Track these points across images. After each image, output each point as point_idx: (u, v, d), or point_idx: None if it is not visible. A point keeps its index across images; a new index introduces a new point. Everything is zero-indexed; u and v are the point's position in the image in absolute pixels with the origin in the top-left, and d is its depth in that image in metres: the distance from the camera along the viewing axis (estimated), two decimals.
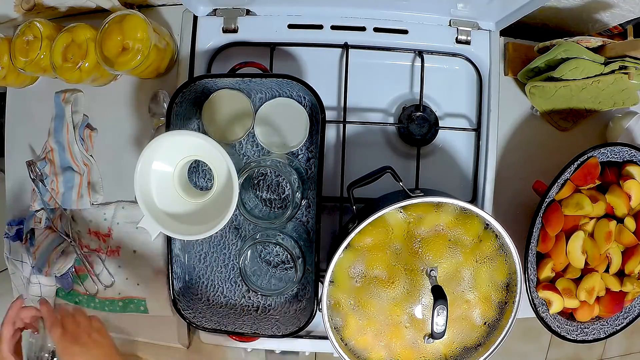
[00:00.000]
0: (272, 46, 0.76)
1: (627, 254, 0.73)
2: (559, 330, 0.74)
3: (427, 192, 0.63)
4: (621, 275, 0.74)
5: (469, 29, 0.77)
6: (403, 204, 0.61)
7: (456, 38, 0.77)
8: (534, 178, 0.75)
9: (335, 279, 0.65)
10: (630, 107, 0.80)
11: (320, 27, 0.76)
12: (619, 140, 0.78)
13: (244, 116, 0.73)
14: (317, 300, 0.69)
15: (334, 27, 0.76)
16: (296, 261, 0.68)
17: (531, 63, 0.76)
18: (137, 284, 0.81)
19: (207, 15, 0.77)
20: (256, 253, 0.76)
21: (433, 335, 0.59)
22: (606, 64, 0.72)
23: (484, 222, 0.64)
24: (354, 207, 0.64)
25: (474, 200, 0.79)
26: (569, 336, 0.75)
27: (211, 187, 0.68)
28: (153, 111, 0.80)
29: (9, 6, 0.80)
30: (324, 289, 0.63)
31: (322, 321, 0.64)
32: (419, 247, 0.64)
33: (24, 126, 0.87)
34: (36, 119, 0.85)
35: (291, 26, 0.76)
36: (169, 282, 0.73)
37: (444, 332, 0.59)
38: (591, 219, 0.72)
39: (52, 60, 0.74)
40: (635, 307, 0.77)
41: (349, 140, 0.77)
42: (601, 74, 0.72)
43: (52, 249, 0.82)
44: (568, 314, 0.76)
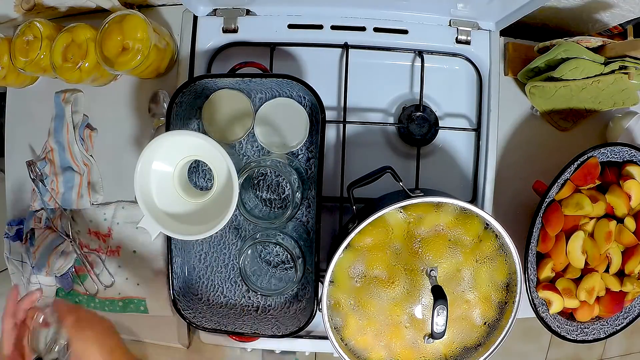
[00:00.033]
0: (272, 46, 0.76)
1: (627, 254, 0.73)
2: (559, 330, 0.74)
3: (427, 192, 0.63)
4: (621, 275, 0.74)
5: (469, 29, 0.77)
6: (403, 204, 0.61)
7: (456, 38, 0.77)
8: (534, 178, 0.75)
9: (335, 279, 0.65)
10: (630, 107, 0.80)
11: (320, 27, 0.76)
12: (619, 140, 0.78)
13: (244, 116, 0.73)
14: (317, 300, 0.69)
15: (334, 27, 0.76)
16: (296, 261, 0.68)
17: (531, 63, 0.76)
18: (137, 284, 0.81)
19: (207, 15, 0.77)
20: (256, 253, 0.76)
21: (433, 335, 0.59)
22: (606, 64, 0.72)
23: (484, 222, 0.64)
24: (354, 207, 0.64)
25: (474, 200, 0.79)
26: (569, 336, 0.75)
27: (211, 187, 0.68)
28: (153, 111, 0.80)
29: (9, 6, 0.80)
30: (324, 289, 0.63)
31: (322, 321, 0.64)
32: (419, 247, 0.64)
33: (24, 126, 0.87)
34: (36, 119, 0.85)
35: (291, 26, 0.76)
36: (169, 282, 0.73)
37: (444, 332, 0.59)
38: (591, 219, 0.72)
39: (52, 60, 0.74)
40: (635, 307, 0.77)
41: (349, 140, 0.77)
42: (601, 74, 0.72)
43: (52, 249, 0.82)
44: (568, 314, 0.76)
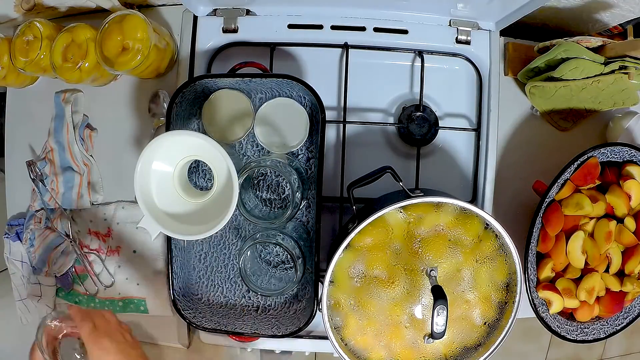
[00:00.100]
0: (272, 46, 0.76)
1: (627, 254, 0.73)
2: (559, 330, 0.74)
3: (427, 192, 0.63)
4: (621, 275, 0.74)
5: (469, 29, 0.77)
6: (403, 204, 0.61)
7: (456, 38, 0.77)
8: (534, 178, 0.75)
9: (335, 279, 0.65)
10: (630, 107, 0.80)
11: (320, 27, 0.76)
12: (619, 140, 0.78)
13: (244, 116, 0.73)
14: (317, 300, 0.69)
15: (334, 27, 0.76)
16: (296, 261, 0.68)
17: (531, 63, 0.76)
18: (137, 284, 0.81)
19: (207, 15, 0.77)
20: (256, 253, 0.76)
21: (433, 335, 0.59)
22: (606, 64, 0.72)
23: (484, 222, 0.64)
24: (354, 207, 0.64)
25: (474, 200, 0.79)
26: (569, 336, 0.75)
27: (211, 187, 0.68)
28: (153, 111, 0.80)
29: (9, 6, 0.80)
30: (324, 289, 0.63)
31: (322, 321, 0.64)
32: (419, 247, 0.64)
33: (24, 126, 0.87)
34: (36, 119, 0.85)
35: (291, 26, 0.76)
36: (169, 282, 0.73)
37: (444, 332, 0.59)
38: (591, 219, 0.72)
39: (52, 60, 0.74)
40: (635, 307, 0.77)
41: (349, 140, 0.77)
42: (601, 74, 0.72)
43: (52, 249, 0.82)
44: (568, 314, 0.76)
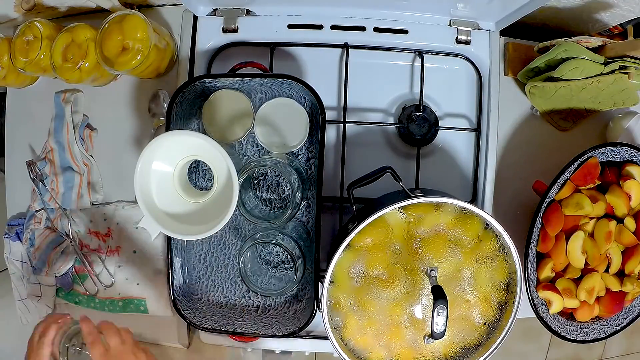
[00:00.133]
0: (272, 46, 0.76)
1: (627, 254, 0.73)
2: (559, 330, 0.74)
3: (427, 192, 0.63)
4: (621, 275, 0.74)
5: (469, 29, 0.77)
6: (403, 204, 0.61)
7: (456, 38, 0.77)
8: (534, 178, 0.75)
9: (335, 279, 0.65)
10: (630, 107, 0.80)
11: (320, 27, 0.76)
12: (619, 140, 0.78)
13: (244, 116, 0.73)
14: (317, 300, 0.69)
15: (334, 27, 0.76)
16: (296, 261, 0.68)
17: (531, 63, 0.76)
18: (137, 284, 0.81)
19: (207, 15, 0.77)
20: (256, 253, 0.76)
21: (433, 335, 0.59)
22: (606, 64, 0.72)
23: (484, 222, 0.64)
24: (354, 207, 0.64)
25: (474, 200, 0.79)
26: (569, 336, 0.75)
27: (211, 187, 0.68)
28: (153, 111, 0.80)
29: (9, 6, 0.80)
30: (324, 289, 0.63)
31: (322, 321, 0.64)
32: (419, 247, 0.64)
33: (24, 126, 0.87)
34: (36, 119, 0.85)
35: (291, 26, 0.76)
36: (169, 282, 0.73)
37: (444, 332, 0.59)
38: (591, 219, 0.72)
39: (52, 60, 0.74)
40: (635, 307, 0.77)
41: (349, 140, 0.77)
42: (601, 74, 0.72)
43: (52, 249, 0.82)
44: (568, 314, 0.76)
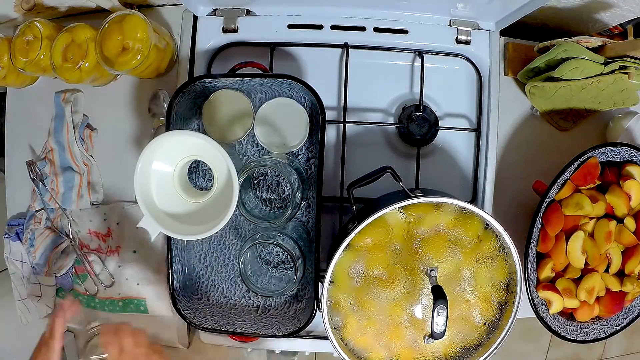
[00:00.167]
0: (272, 46, 0.76)
1: (627, 254, 0.73)
2: (559, 330, 0.74)
3: (427, 192, 0.63)
4: (621, 275, 0.74)
5: (469, 29, 0.77)
6: (403, 204, 0.61)
7: (456, 38, 0.77)
8: (534, 178, 0.75)
9: (335, 279, 0.65)
10: (630, 107, 0.80)
11: (320, 27, 0.76)
12: (619, 140, 0.78)
13: (244, 116, 0.73)
14: (317, 300, 0.69)
15: (334, 27, 0.76)
16: (296, 261, 0.68)
17: (531, 63, 0.76)
18: (137, 284, 0.81)
19: (207, 15, 0.77)
20: (256, 253, 0.76)
21: (433, 335, 0.59)
22: (606, 64, 0.72)
23: (484, 222, 0.64)
24: (354, 207, 0.64)
25: (474, 200, 0.79)
26: (569, 336, 0.75)
27: (211, 187, 0.68)
28: (153, 111, 0.80)
29: (9, 6, 0.80)
30: (324, 289, 0.63)
31: (322, 321, 0.64)
32: (419, 247, 0.64)
33: (24, 126, 0.87)
34: (36, 119, 0.85)
35: (291, 26, 0.76)
36: (169, 282, 0.73)
37: (444, 332, 0.59)
38: (591, 219, 0.72)
39: (52, 60, 0.74)
40: (635, 307, 0.77)
41: (349, 140, 0.77)
42: (601, 74, 0.72)
43: (52, 249, 0.82)
44: (568, 314, 0.76)
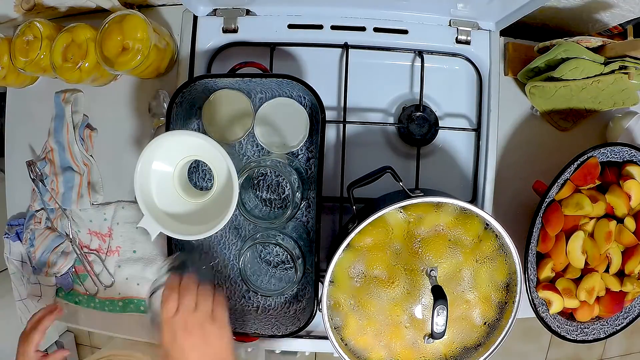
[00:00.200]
0: (272, 46, 0.76)
1: (627, 254, 0.73)
2: (559, 330, 0.74)
3: (427, 192, 0.63)
4: (621, 275, 0.74)
5: (469, 29, 0.77)
6: (403, 204, 0.61)
7: (456, 38, 0.77)
8: (534, 178, 0.75)
9: (335, 279, 0.65)
10: (630, 107, 0.80)
11: (320, 27, 0.76)
12: (619, 140, 0.78)
13: (244, 116, 0.73)
14: (317, 300, 0.69)
15: (334, 27, 0.76)
16: (296, 261, 0.68)
17: (531, 63, 0.76)
18: (137, 284, 0.81)
19: (207, 15, 0.77)
20: (256, 253, 0.76)
21: (433, 335, 0.59)
22: (606, 64, 0.72)
23: (484, 222, 0.64)
24: (354, 207, 0.64)
25: (474, 200, 0.79)
26: (569, 336, 0.75)
27: (211, 187, 0.68)
28: (153, 111, 0.80)
29: (9, 6, 0.80)
30: (324, 289, 0.63)
31: (322, 321, 0.64)
32: (419, 247, 0.64)
33: (24, 126, 0.87)
34: (36, 119, 0.85)
35: (291, 26, 0.76)
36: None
37: (444, 332, 0.59)
38: (591, 219, 0.72)
39: (52, 60, 0.74)
40: (635, 307, 0.77)
41: (349, 140, 0.77)
42: (601, 74, 0.72)
43: (52, 249, 0.82)
44: (568, 314, 0.76)
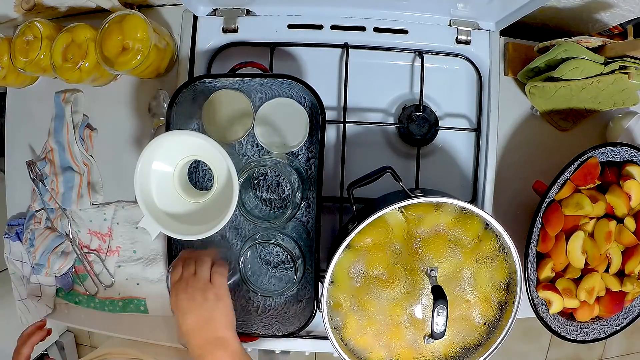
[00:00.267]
0: (272, 46, 0.76)
1: (627, 254, 0.73)
2: (559, 330, 0.74)
3: (427, 192, 0.63)
4: (621, 275, 0.74)
5: (469, 29, 0.77)
6: (403, 204, 0.61)
7: (456, 38, 0.77)
8: (534, 178, 0.75)
9: (335, 279, 0.65)
10: (630, 107, 0.80)
11: (320, 27, 0.76)
12: (619, 140, 0.78)
13: (244, 116, 0.73)
14: (317, 300, 0.69)
15: (334, 27, 0.76)
16: (296, 261, 0.68)
17: (531, 63, 0.76)
18: (137, 284, 0.81)
19: (207, 15, 0.77)
20: (256, 253, 0.76)
21: (433, 335, 0.59)
22: (606, 64, 0.72)
23: (484, 222, 0.64)
24: (354, 207, 0.64)
25: (474, 200, 0.79)
26: (569, 336, 0.75)
27: (211, 187, 0.68)
28: (153, 111, 0.80)
29: (9, 6, 0.80)
30: (324, 289, 0.63)
31: (322, 321, 0.64)
32: (419, 247, 0.64)
33: (24, 126, 0.87)
34: (36, 119, 0.85)
35: (291, 26, 0.76)
36: (168, 284, 0.73)
37: (444, 332, 0.59)
38: (591, 219, 0.72)
39: (52, 60, 0.74)
40: (635, 307, 0.77)
41: (349, 140, 0.77)
42: (601, 74, 0.72)
43: (52, 249, 0.82)
44: (568, 314, 0.76)
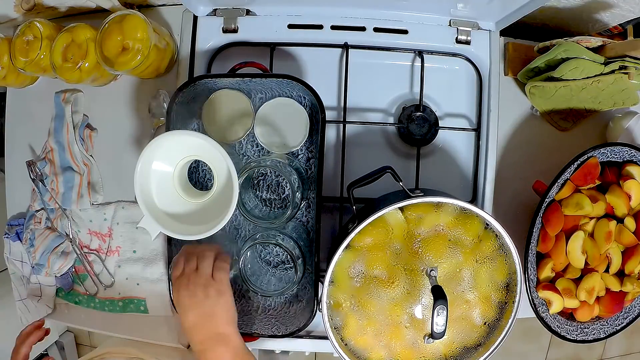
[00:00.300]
0: (272, 46, 0.76)
1: (627, 254, 0.73)
2: (559, 330, 0.74)
3: (427, 192, 0.63)
4: (621, 275, 0.74)
5: (469, 29, 0.77)
6: (403, 204, 0.61)
7: (456, 38, 0.77)
8: (534, 178, 0.75)
9: (335, 279, 0.65)
10: (630, 107, 0.80)
11: (320, 27, 0.76)
12: (619, 140, 0.78)
13: (244, 116, 0.73)
14: (317, 300, 0.69)
15: (334, 27, 0.76)
16: (296, 261, 0.68)
17: (531, 63, 0.76)
18: (137, 284, 0.81)
19: (207, 15, 0.77)
20: (256, 253, 0.76)
21: (433, 335, 0.59)
22: (606, 64, 0.72)
23: (484, 222, 0.64)
24: (354, 207, 0.64)
25: (474, 200, 0.79)
26: (569, 336, 0.75)
27: (211, 187, 0.68)
28: (153, 111, 0.80)
29: (9, 6, 0.80)
30: (324, 289, 0.63)
31: (322, 321, 0.64)
32: (419, 247, 0.64)
33: (24, 126, 0.87)
34: (36, 119, 0.85)
35: (291, 26, 0.76)
36: (169, 282, 0.73)
37: (444, 332, 0.59)
38: (591, 219, 0.72)
39: (52, 60, 0.74)
40: (635, 307, 0.77)
41: (349, 140, 0.77)
42: (601, 74, 0.72)
43: (52, 249, 0.82)
44: (568, 314, 0.76)
